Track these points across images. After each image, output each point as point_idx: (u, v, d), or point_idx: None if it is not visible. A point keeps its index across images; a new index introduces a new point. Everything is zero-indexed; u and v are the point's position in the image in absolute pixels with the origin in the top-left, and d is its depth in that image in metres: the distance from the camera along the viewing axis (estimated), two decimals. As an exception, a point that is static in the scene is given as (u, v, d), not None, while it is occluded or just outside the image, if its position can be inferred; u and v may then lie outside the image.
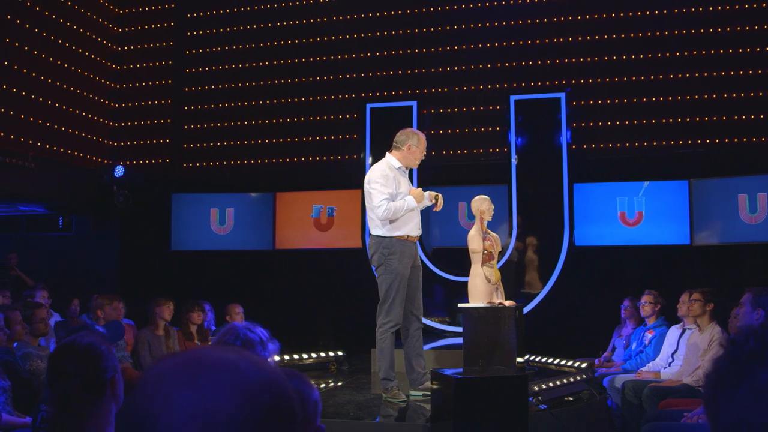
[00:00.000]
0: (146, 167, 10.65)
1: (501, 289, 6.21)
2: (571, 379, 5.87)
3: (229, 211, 10.17)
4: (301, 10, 10.38)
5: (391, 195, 5.44)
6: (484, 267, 6.08)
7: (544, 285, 8.60)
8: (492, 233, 6.28)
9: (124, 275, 10.48)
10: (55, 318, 8.65)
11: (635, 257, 8.86)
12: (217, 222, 10.16)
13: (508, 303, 6.00)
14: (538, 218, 8.80)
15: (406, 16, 10.01)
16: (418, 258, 5.72)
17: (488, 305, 5.93)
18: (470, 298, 6.07)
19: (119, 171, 9.78)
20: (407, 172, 5.82)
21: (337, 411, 5.03)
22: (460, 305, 6.12)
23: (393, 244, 5.42)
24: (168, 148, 10.70)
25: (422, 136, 5.75)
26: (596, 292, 8.65)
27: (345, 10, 10.21)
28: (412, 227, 5.51)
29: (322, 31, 10.28)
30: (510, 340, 5.77)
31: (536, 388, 4.98)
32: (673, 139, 9.03)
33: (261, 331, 3.14)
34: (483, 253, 6.07)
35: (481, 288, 6.02)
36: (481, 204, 6.16)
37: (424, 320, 8.70)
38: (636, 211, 8.91)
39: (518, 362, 6.11)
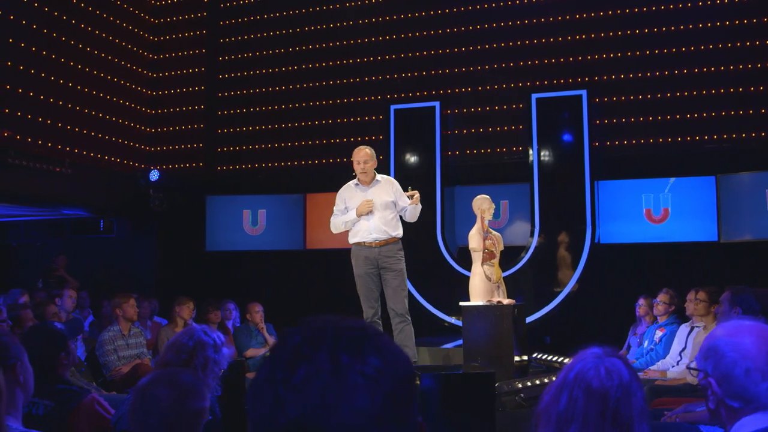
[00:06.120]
0: (182, 171, 11.00)
1: (503, 287, 6.26)
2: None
3: (261, 213, 10.42)
4: (327, 15, 10.57)
5: (340, 211, 6.02)
6: (485, 266, 6.15)
7: (567, 283, 8.57)
8: (494, 232, 6.34)
9: (161, 276, 10.85)
10: (91, 319, 9.06)
11: (662, 254, 8.73)
12: (250, 223, 10.43)
13: (506, 301, 6.06)
14: (561, 216, 8.75)
15: (428, 18, 10.08)
16: (387, 260, 5.85)
17: (487, 303, 6.00)
18: (471, 297, 6.16)
19: (154, 175, 10.15)
20: (371, 185, 5.97)
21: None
22: (460, 303, 6.21)
23: (352, 251, 5.99)
24: (202, 152, 11.04)
25: (355, 150, 5.99)
26: (622, 290, 8.51)
27: (368, 14, 10.34)
28: (362, 234, 5.88)
29: (347, 34, 10.44)
30: (508, 338, 5.82)
31: (519, 386, 5.01)
32: (698, 135, 8.85)
33: (217, 335, 3.33)
34: (483, 252, 6.14)
35: (481, 286, 6.09)
36: (482, 203, 6.23)
37: (448, 318, 8.85)
38: (662, 208, 8.78)
39: (522, 360, 6.15)
